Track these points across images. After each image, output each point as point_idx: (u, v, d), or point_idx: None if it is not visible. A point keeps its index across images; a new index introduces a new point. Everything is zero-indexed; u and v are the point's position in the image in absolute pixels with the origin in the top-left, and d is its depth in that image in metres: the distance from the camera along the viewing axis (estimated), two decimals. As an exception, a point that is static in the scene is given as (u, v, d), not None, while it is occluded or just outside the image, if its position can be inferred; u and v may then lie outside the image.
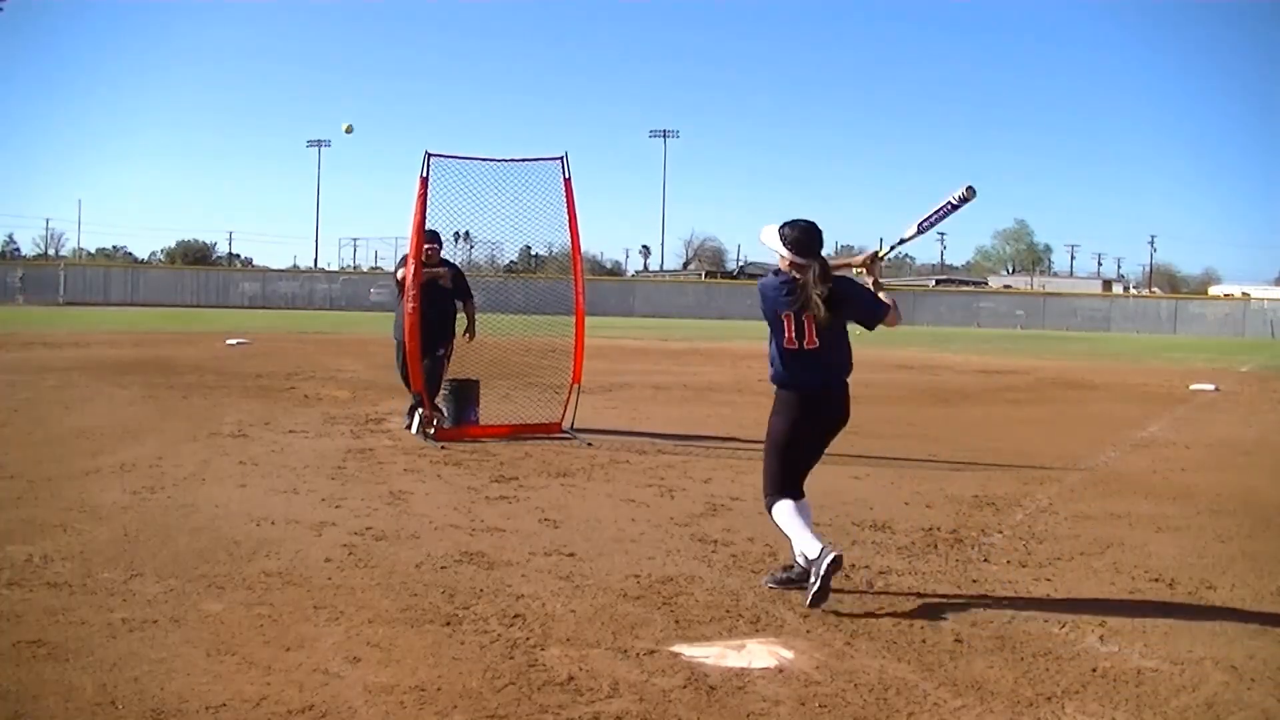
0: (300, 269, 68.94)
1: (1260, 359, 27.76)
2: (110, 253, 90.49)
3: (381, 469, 7.67)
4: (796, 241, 4.70)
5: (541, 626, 4.24)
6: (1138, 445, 10.11)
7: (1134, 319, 53.98)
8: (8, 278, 53.73)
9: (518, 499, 6.74)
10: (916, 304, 58.20)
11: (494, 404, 9.76)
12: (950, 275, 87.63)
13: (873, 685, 3.72)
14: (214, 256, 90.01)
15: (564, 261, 10.50)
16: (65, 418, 9.83)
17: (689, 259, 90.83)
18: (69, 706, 3.36)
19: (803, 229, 4.72)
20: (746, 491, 7.03)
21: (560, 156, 9.40)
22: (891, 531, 6.09)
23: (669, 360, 20.69)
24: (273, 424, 9.75)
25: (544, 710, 3.43)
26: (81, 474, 7.07)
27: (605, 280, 65.60)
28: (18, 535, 5.38)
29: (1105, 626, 4.44)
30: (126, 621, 4.14)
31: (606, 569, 5.13)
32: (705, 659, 3.92)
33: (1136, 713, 3.55)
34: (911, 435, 10.37)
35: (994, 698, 3.64)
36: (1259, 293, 62.61)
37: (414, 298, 8.98)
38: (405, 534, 5.72)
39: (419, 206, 8.97)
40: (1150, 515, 6.77)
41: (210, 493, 6.62)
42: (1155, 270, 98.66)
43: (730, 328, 40.81)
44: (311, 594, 4.59)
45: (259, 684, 3.57)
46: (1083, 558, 5.63)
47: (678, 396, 13.61)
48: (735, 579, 5.02)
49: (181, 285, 57.45)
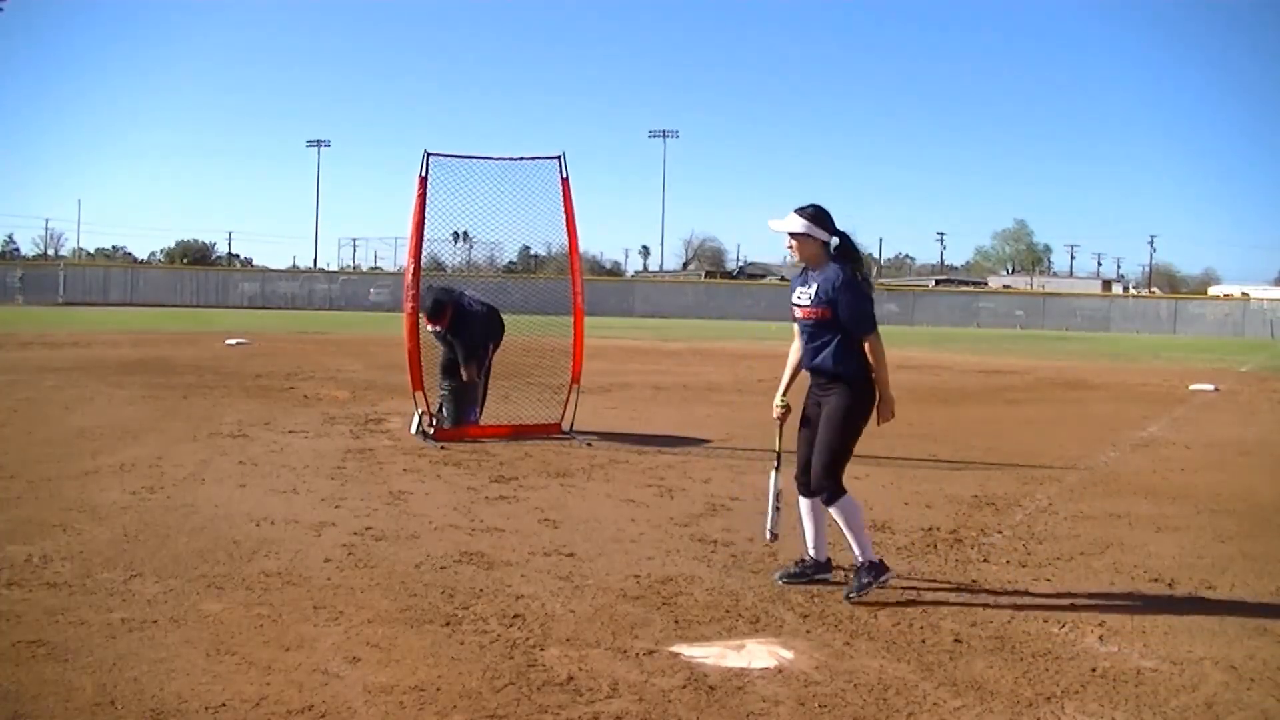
0: (300, 269, 68.93)
1: (1260, 359, 27.77)
2: (110, 253, 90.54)
3: (381, 469, 7.67)
4: (816, 216, 4.83)
5: (541, 627, 4.24)
6: (1137, 445, 10.11)
7: (1133, 319, 54.00)
8: (7, 278, 53.71)
9: (517, 499, 6.74)
10: (916, 304, 58.21)
11: (494, 404, 9.76)
12: (950, 275, 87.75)
13: (872, 685, 3.72)
14: (213, 257, 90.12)
15: (563, 261, 10.49)
16: (65, 418, 9.82)
17: (688, 259, 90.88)
18: (68, 706, 3.35)
19: (817, 207, 4.85)
20: (746, 491, 7.03)
21: (557, 156, 9.41)
22: (891, 531, 6.09)
23: (668, 360, 20.69)
24: (272, 424, 9.75)
25: (544, 710, 3.43)
26: (81, 474, 7.07)
27: (605, 280, 65.60)
28: (17, 535, 5.38)
29: (1105, 626, 4.44)
30: (126, 621, 4.14)
31: (606, 569, 5.13)
32: (705, 659, 3.92)
33: (1136, 713, 3.55)
34: (911, 435, 10.36)
35: (994, 698, 3.64)
36: (1258, 293, 62.67)
37: (413, 297, 9.07)
38: (405, 534, 5.72)
39: (418, 206, 8.98)
40: (1150, 515, 6.77)
41: (210, 493, 6.62)
42: (1155, 270, 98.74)
43: (730, 328, 40.86)
44: (311, 594, 4.59)
45: (258, 684, 3.57)
46: (1082, 558, 5.63)
47: (677, 397, 13.61)
48: (735, 579, 5.01)
49: (181, 285, 57.44)
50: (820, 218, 4.79)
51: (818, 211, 4.81)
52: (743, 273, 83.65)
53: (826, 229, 4.80)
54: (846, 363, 4.73)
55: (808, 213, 4.79)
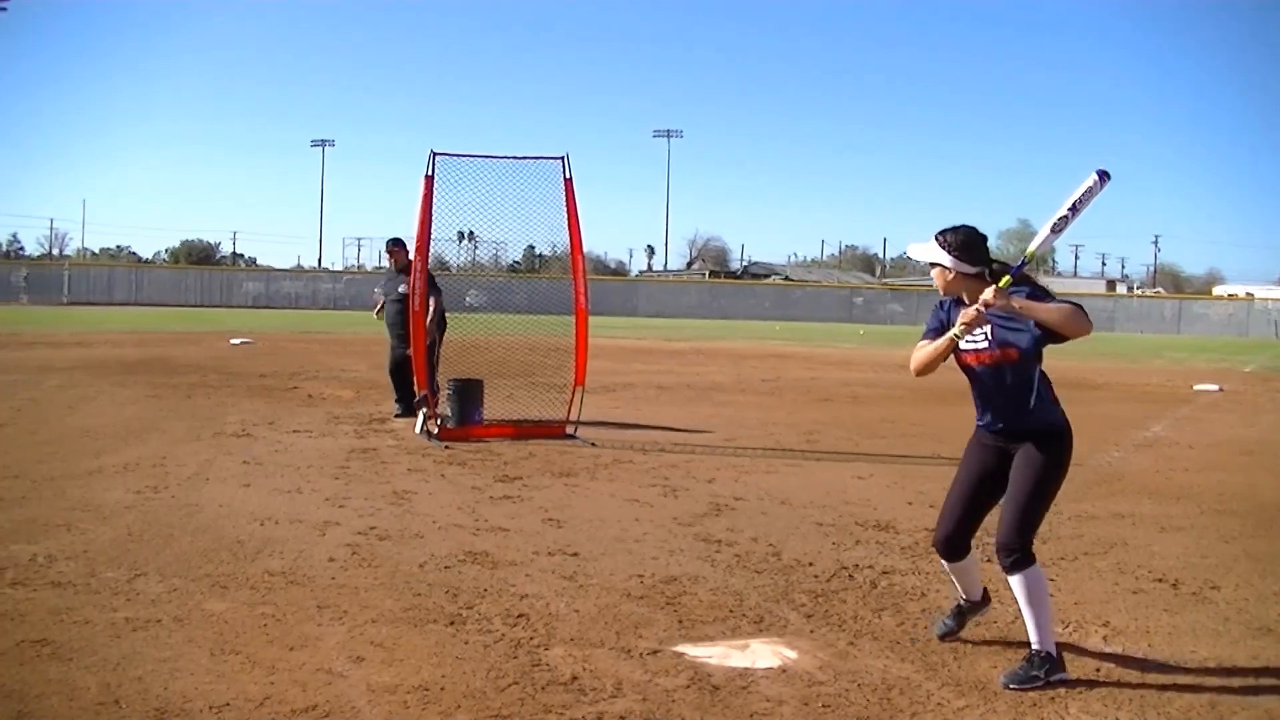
0: (304, 269, 69.09)
1: (1264, 359, 27.72)
2: (114, 253, 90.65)
3: (385, 469, 7.68)
4: (964, 245, 3.90)
5: (545, 626, 4.24)
6: (1141, 445, 10.10)
7: (1138, 319, 53.91)
8: (12, 277, 53.87)
9: (521, 499, 6.74)
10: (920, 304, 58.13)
11: (498, 404, 9.77)
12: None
13: (876, 685, 3.72)
14: (218, 256, 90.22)
15: (568, 261, 10.50)
16: (69, 417, 9.84)
17: (693, 259, 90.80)
18: (73, 705, 3.36)
19: (967, 232, 3.93)
20: (749, 491, 7.03)
21: (561, 157, 9.42)
22: (895, 531, 6.09)
23: (672, 360, 20.69)
24: (276, 424, 9.76)
25: (548, 710, 3.43)
26: (85, 474, 7.08)
27: (609, 280, 65.59)
28: (22, 534, 5.39)
29: (1109, 626, 4.44)
30: (130, 621, 4.14)
31: (610, 569, 5.13)
32: (709, 659, 3.92)
33: (1140, 713, 3.55)
34: (915, 435, 10.37)
35: (997, 698, 3.64)
36: (1263, 293, 62.50)
37: (420, 293, 9.11)
38: (409, 533, 5.72)
39: (424, 205, 8.99)
40: (1154, 515, 6.76)
41: (214, 492, 6.62)
42: (1159, 270, 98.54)
43: (734, 328, 40.83)
44: (315, 594, 4.59)
45: (262, 683, 3.57)
46: (1086, 558, 5.62)
47: (681, 396, 13.60)
48: (739, 579, 5.01)
49: (185, 285, 57.55)
50: (967, 247, 3.88)
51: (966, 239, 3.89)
52: (747, 272, 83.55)
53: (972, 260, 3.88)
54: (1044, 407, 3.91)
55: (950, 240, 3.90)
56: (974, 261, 3.86)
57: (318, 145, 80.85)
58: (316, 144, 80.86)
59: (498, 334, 10.46)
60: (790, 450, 9.10)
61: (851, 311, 56.48)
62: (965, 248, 3.86)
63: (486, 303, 11.19)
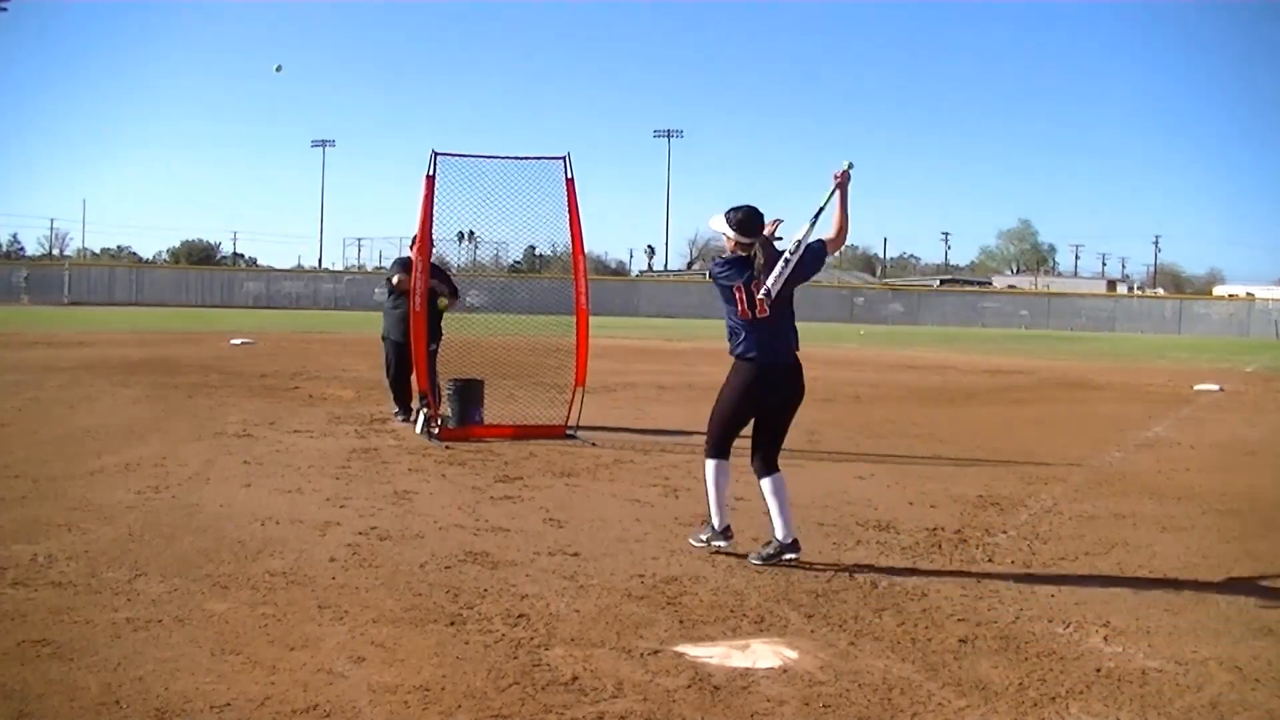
0: (305, 269, 69.11)
1: (1265, 359, 27.72)
2: (115, 253, 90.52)
3: (386, 469, 7.68)
4: (740, 224, 5.28)
5: (546, 626, 4.24)
6: (1142, 445, 10.10)
7: (1138, 319, 53.95)
8: (13, 277, 53.90)
9: (522, 499, 6.74)
10: (921, 304, 58.23)
11: (498, 404, 9.77)
12: (955, 275, 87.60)
13: (877, 685, 3.71)
14: (219, 256, 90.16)
15: (569, 261, 10.50)
16: (70, 417, 9.84)
17: (693, 259, 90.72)
18: (73, 706, 3.36)
19: (746, 212, 5.32)
20: (750, 491, 7.01)
21: (563, 157, 9.41)
22: (896, 531, 6.09)
23: (673, 360, 20.69)
24: (277, 424, 9.76)
25: (548, 710, 3.43)
26: (86, 473, 7.08)
27: (610, 280, 65.61)
28: (22, 534, 5.39)
29: (1109, 627, 4.43)
30: (131, 621, 4.14)
31: (611, 569, 5.13)
32: (709, 659, 3.92)
33: (1141, 713, 3.55)
34: (916, 435, 10.37)
35: (998, 698, 3.64)
36: (1263, 293, 62.51)
37: (422, 294, 9.09)
38: (410, 534, 5.72)
39: (425, 205, 8.99)
40: (1155, 515, 6.76)
41: (215, 492, 6.63)
42: (1160, 270, 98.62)
43: (734, 328, 40.64)
44: (316, 594, 4.59)
45: (263, 684, 3.57)
46: (1087, 558, 5.62)
47: (682, 396, 13.61)
48: (739, 579, 5.01)
49: (186, 285, 57.60)
50: (722, 220, 5.35)
51: (721, 216, 5.37)
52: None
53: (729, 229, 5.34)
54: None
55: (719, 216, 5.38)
56: (748, 234, 5.27)
57: (318, 145, 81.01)
58: (317, 144, 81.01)
59: (498, 334, 10.46)
60: (791, 450, 9.03)
61: (852, 311, 56.45)
62: (742, 224, 5.28)
63: (487, 303, 11.18)
